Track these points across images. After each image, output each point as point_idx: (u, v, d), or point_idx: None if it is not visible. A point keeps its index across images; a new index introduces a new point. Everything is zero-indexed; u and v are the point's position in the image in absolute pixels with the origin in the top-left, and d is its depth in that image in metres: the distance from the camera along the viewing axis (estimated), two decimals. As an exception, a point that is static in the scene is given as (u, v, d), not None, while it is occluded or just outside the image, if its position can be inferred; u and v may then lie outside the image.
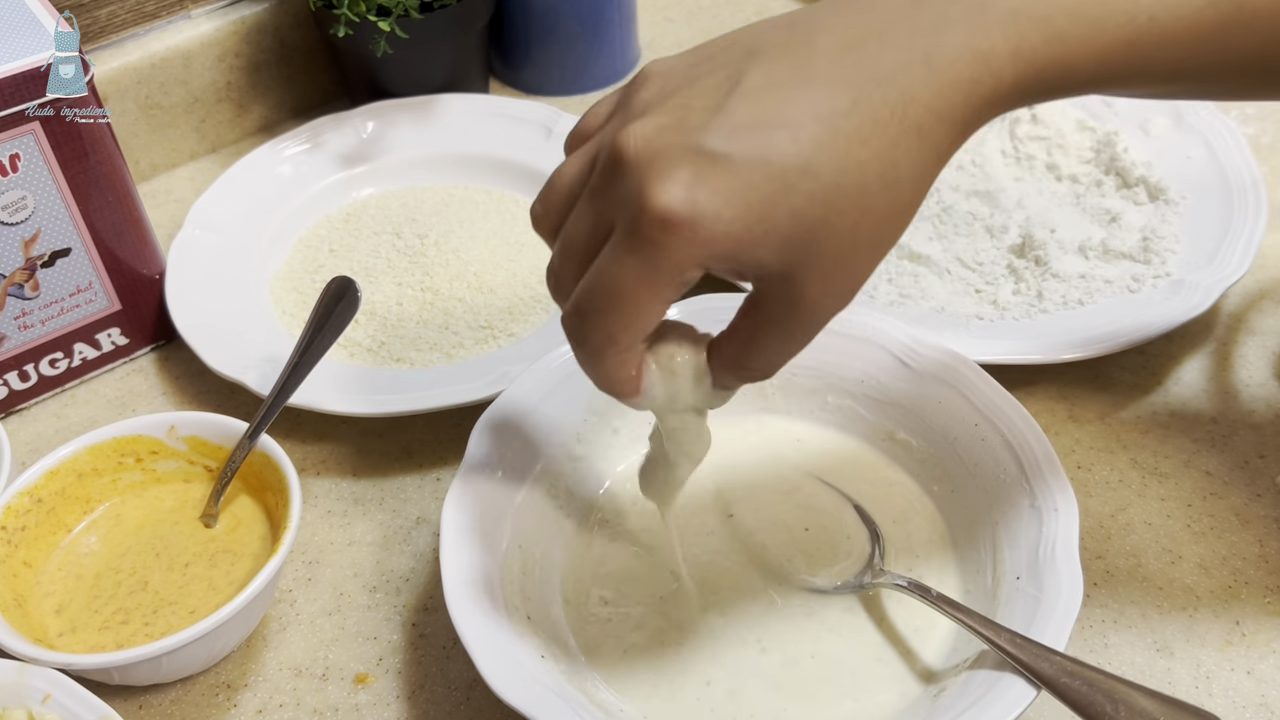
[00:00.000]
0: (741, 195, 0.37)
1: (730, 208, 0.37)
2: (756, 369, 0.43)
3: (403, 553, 0.60)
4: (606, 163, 0.39)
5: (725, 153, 0.37)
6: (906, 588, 0.52)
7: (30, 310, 0.65)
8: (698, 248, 0.37)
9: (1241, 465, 0.61)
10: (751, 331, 0.42)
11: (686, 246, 0.37)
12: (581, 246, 0.40)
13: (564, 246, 0.41)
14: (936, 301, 0.68)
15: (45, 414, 0.68)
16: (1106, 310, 0.66)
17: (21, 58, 0.58)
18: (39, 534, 0.56)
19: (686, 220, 0.36)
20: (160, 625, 0.54)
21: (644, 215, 0.37)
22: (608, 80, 0.91)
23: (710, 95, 0.38)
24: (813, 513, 0.58)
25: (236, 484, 0.59)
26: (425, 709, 0.54)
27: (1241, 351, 0.68)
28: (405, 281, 0.72)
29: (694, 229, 0.37)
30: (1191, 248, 0.69)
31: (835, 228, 0.37)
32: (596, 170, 0.40)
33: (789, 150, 0.37)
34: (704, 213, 0.36)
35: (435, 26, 0.79)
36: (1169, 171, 0.74)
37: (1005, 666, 0.46)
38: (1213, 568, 0.57)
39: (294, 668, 0.56)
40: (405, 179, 0.81)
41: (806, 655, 0.52)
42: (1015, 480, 0.53)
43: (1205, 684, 0.53)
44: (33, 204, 0.62)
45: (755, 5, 0.99)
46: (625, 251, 0.38)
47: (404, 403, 0.63)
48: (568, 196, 0.42)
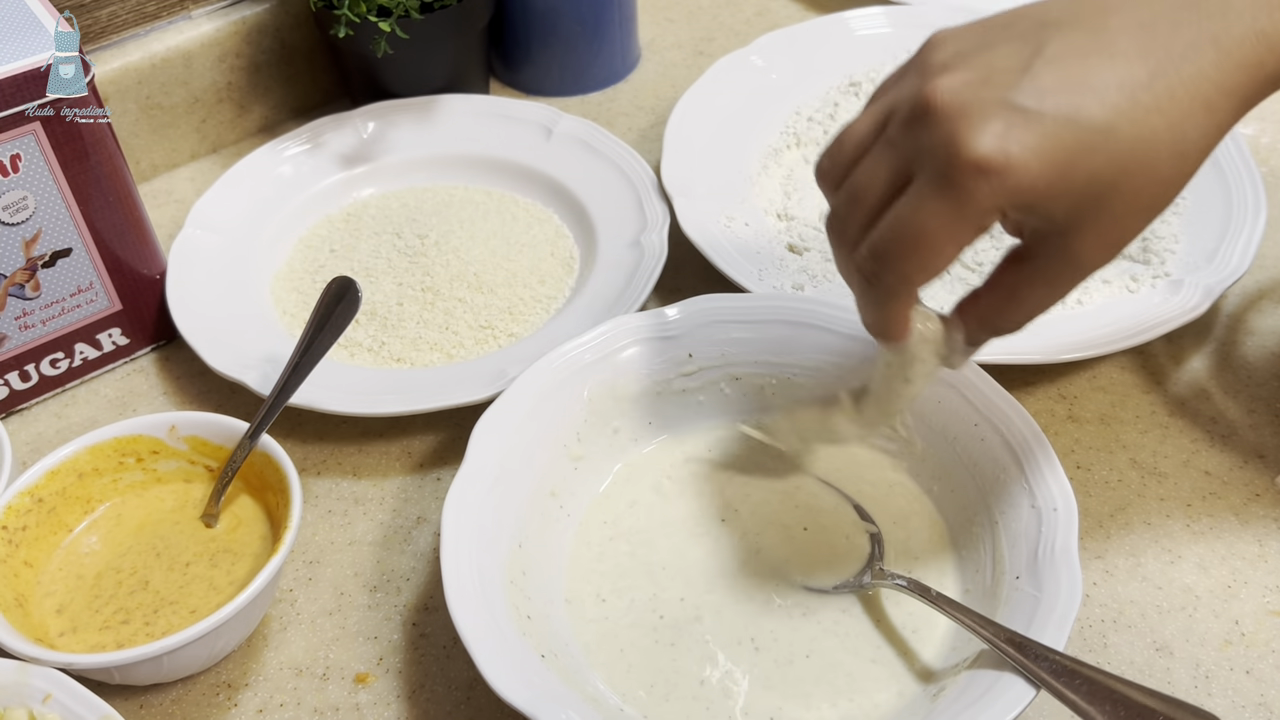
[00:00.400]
0: (1050, 150, 0.40)
1: (1038, 160, 0.40)
2: (1013, 321, 0.46)
3: (403, 552, 0.60)
4: (910, 114, 0.42)
5: (1036, 109, 0.40)
6: (906, 587, 0.52)
7: (31, 310, 0.65)
8: (1004, 195, 0.40)
9: (1241, 465, 0.61)
10: (1015, 286, 0.45)
11: (995, 192, 0.40)
12: (876, 193, 0.43)
13: (853, 195, 0.44)
14: (936, 301, 0.68)
15: (46, 414, 0.69)
16: (1105, 310, 0.66)
17: (22, 58, 0.58)
18: (40, 534, 0.56)
19: (999, 167, 0.39)
20: (161, 625, 0.54)
21: (957, 160, 0.40)
22: (608, 80, 0.91)
23: (1014, 58, 0.41)
24: (812, 513, 0.58)
25: (237, 484, 0.59)
26: (425, 708, 0.54)
27: (1241, 352, 0.68)
28: (405, 281, 0.72)
29: (1003, 176, 0.40)
30: (1191, 248, 0.69)
31: (1123, 189, 0.41)
32: (895, 122, 0.43)
33: (1095, 113, 0.40)
34: (1015, 161, 0.39)
35: (435, 27, 0.80)
36: (1168, 172, 0.74)
37: (1004, 666, 0.46)
38: (1212, 567, 0.57)
39: (294, 667, 0.56)
40: (405, 179, 0.81)
41: (801, 655, 0.52)
42: (1015, 480, 0.53)
43: (1204, 683, 0.53)
44: (33, 204, 0.62)
45: (755, 5, 0.99)
46: (932, 195, 0.41)
47: (404, 403, 0.63)
48: (856, 150, 0.45)
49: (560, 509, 0.58)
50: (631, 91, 0.91)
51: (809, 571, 0.55)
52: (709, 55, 0.92)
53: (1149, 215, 0.43)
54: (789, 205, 0.75)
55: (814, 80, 0.83)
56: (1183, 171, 0.42)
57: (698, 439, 0.61)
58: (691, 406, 0.61)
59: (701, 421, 0.62)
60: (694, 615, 0.54)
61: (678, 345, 0.61)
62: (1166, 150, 0.41)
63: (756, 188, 0.77)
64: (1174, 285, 0.66)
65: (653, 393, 0.61)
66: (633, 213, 0.74)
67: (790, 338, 0.60)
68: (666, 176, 0.75)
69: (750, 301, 0.61)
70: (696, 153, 0.77)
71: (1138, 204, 0.42)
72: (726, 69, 0.83)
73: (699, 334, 0.61)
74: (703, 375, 0.61)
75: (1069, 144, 0.40)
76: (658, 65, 0.93)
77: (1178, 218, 0.71)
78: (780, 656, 0.52)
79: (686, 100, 0.80)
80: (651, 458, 0.61)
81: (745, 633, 0.53)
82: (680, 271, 0.73)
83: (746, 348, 0.61)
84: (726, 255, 0.69)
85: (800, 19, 0.94)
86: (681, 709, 0.50)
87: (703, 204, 0.73)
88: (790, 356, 0.61)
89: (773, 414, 0.61)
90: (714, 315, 0.61)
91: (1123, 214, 0.42)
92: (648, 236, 0.71)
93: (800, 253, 0.71)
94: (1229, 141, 0.74)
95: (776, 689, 0.51)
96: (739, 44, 0.90)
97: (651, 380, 0.60)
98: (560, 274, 0.73)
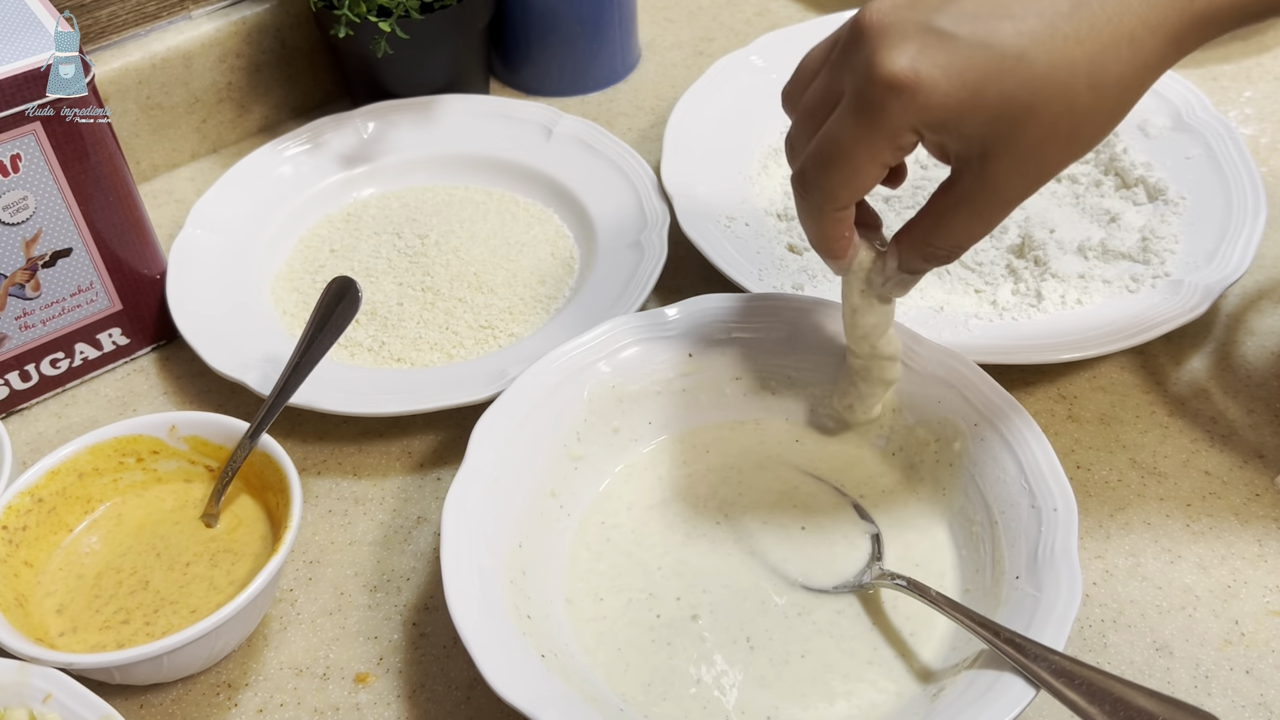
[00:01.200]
0: (960, 70, 0.41)
1: (948, 79, 0.41)
2: (943, 248, 0.48)
3: (403, 552, 0.60)
4: (846, 35, 0.44)
5: (952, 31, 0.41)
6: (906, 587, 0.52)
7: (31, 310, 0.65)
8: (915, 112, 0.42)
9: (1241, 465, 0.61)
10: (943, 211, 0.46)
11: (906, 110, 0.42)
12: (814, 112, 0.46)
13: (800, 114, 0.47)
14: (935, 301, 0.68)
15: (46, 414, 0.69)
16: (1106, 310, 0.66)
17: (22, 58, 0.58)
18: (40, 534, 0.56)
19: (908, 84, 0.41)
20: (161, 625, 0.54)
21: (871, 78, 0.42)
22: (608, 80, 0.91)
23: None
24: (811, 512, 0.58)
25: (237, 484, 0.59)
26: (425, 708, 0.54)
27: (1241, 352, 0.68)
28: (406, 281, 0.72)
29: (913, 93, 0.41)
30: (1191, 248, 0.69)
31: (1038, 116, 0.42)
32: (838, 46, 0.45)
33: (1009, 38, 0.41)
34: (924, 80, 0.41)
35: (436, 27, 0.80)
36: (1168, 172, 0.74)
37: (1004, 666, 0.46)
38: (1212, 567, 0.57)
39: (295, 667, 0.56)
40: (406, 179, 0.81)
41: (796, 655, 0.52)
42: (1015, 480, 0.53)
43: (1204, 683, 0.53)
44: (34, 204, 0.62)
45: (755, 5, 0.99)
46: (851, 112, 0.44)
47: (404, 403, 0.63)
48: (810, 74, 0.47)
49: (560, 509, 0.58)
50: (631, 91, 0.91)
51: (807, 571, 0.55)
52: (709, 55, 0.92)
53: (1067, 148, 0.43)
54: (789, 205, 0.75)
55: (814, 80, 0.83)
56: (1102, 105, 0.42)
57: (697, 439, 0.61)
58: (691, 406, 0.61)
59: (701, 421, 0.62)
60: (690, 615, 0.54)
61: (678, 345, 0.61)
62: (1084, 80, 0.41)
63: (756, 188, 0.77)
64: (1174, 285, 0.66)
65: (653, 393, 0.61)
66: (633, 213, 0.74)
67: (790, 338, 0.60)
68: (666, 176, 0.75)
69: (750, 301, 0.61)
70: (696, 153, 0.77)
71: (1055, 133, 0.42)
72: (726, 69, 0.83)
73: (699, 334, 0.61)
74: (703, 375, 0.61)
75: (979, 65, 0.41)
76: (658, 65, 0.93)
77: (1178, 218, 0.71)
78: (775, 656, 0.52)
79: (686, 100, 0.80)
80: (651, 458, 0.61)
81: (741, 632, 0.53)
82: (680, 271, 0.73)
83: (746, 348, 0.61)
84: (726, 255, 0.69)
85: (800, 19, 0.94)
86: (679, 708, 0.50)
87: (703, 204, 0.73)
88: (790, 356, 0.61)
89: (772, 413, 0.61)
90: (714, 315, 0.61)
91: (1039, 141, 0.42)
92: (648, 236, 0.71)
93: (800, 253, 0.72)
94: (1229, 142, 0.74)
95: (772, 688, 0.51)
96: (739, 44, 0.91)
97: (651, 380, 0.60)
98: (560, 274, 0.73)
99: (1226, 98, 0.85)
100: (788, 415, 0.62)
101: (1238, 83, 0.87)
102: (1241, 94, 0.86)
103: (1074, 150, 0.43)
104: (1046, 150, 0.43)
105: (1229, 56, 0.89)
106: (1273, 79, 0.87)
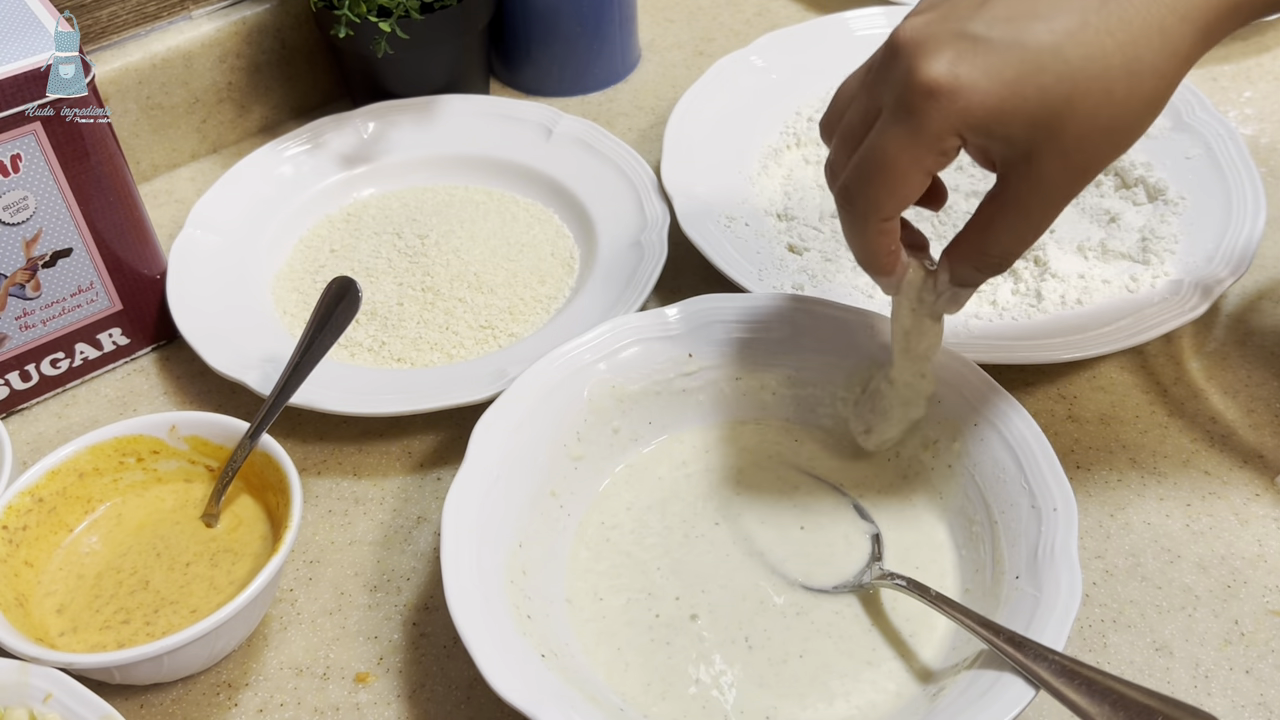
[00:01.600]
0: (998, 71, 0.42)
1: (987, 80, 0.42)
2: (994, 255, 0.48)
3: (403, 552, 0.60)
4: (881, 56, 0.45)
5: (986, 36, 0.42)
6: (905, 587, 0.52)
7: (31, 310, 0.65)
8: (956, 116, 0.42)
9: (1241, 465, 0.61)
10: (991, 217, 0.47)
11: (947, 114, 0.42)
12: (853, 132, 0.47)
13: (839, 137, 0.48)
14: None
15: (46, 414, 0.69)
16: (1105, 310, 0.66)
17: (22, 58, 0.58)
18: (40, 533, 0.56)
19: (948, 89, 0.42)
20: (161, 624, 0.54)
21: (910, 85, 0.43)
22: (608, 80, 0.91)
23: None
24: (811, 512, 0.58)
25: (237, 483, 0.59)
26: (426, 708, 0.54)
27: (1241, 352, 0.68)
28: (406, 281, 0.72)
29: (953, 97, 0.42)
30: (1190, 248, 0.69)
31: (1078, 109, 0.42)
32: (874, 69, 0.46)
33: (1043, 36, 0.42)
34: (964, 82, 0.42)
35: (436, 27, 0.80)
36: (1168, 172, 0.74)
37: (1004, 666, 0.46)
38: (1211, 567, 0.57)
39: (295, 667, 0.56)
40: (406, 179, 0.81)
41: (795, 655, 0.52)
42: (1015, 480, 0.53)
43: (1204, 683, 0.53)
44: (34, 204, 0.62)
45: (755, 5, 0.99)
46: (892, 122, 0.44)
47: (404, 403, 0.63)
48: (847, 100, 0.48)
49: (560, 509, 0.58)
50: (631, 91, 0.91)
51: (807, 571, 0.55)
52: (709, 55, 0.92)
53: (1109, 139, 0.43)
54: (789, 205, 0.75)
55: (814, 80, 0.83)
56: (1139, 93, 0.43)
57: (697, 439, 0.61)
58: (691, 406, 0.62)
59: (701, 421, 0.62)
60: (690, 614, 0.54)
61: (678, 345, 0.61)
62: (1119, 69, 0.42)
63: (756, 188, 0.77)
64: (1174, 285, 0.66)
65: (653, 393, 0.61)
66: (633, 213, 0.74)
67: (790, 338, 0.60)
68: (666, 176, 0.75)
69: (750, 301, 0.61)
70: (696, 153, 0.77)
71: (1095, 124, 0.43)
72: (726, 69, 0.83)
73: (699, 334, 0.61)
74: (703, 375, 0.61)
75: (1016, 64, 0.42)
76: (658, 65, 0.93)
77: (1178, 218, 0.71)
78: (774, 656, 0.52)
79: (686, 100, 0.80)
80: (651, 458, 0.61)
81: (740, 632, 0.53)
82: (680, 271, 0.73)
83: (746, 348, 0.61)
84: (726, 255, 0.69)
85: (800, 19, 0.94)
86: (678, 708, 0.51)
87: (703, 204, 0.73)
88: (790, 356, 0.61)
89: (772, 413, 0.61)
90: (714, 315, 0.61)
91: (1081, 135, 0.43)
92: (648, 236, 0.71)
93: (800, 253, 0.72)
94: (1229, 142, 0.74)
95: (771, 688, 0.51)
96: (739, 44, 0.91)
97: (651, 380, 0.61)
98: (560, 274, 0.73)
99: (1226, 98, 0.85)
100: (788, 415, 0.62)
101: (1238, 83, 0.87)
102: (1241, 94, 0.86)
103: (1115, 141, 0.44)
104: (1089, 143, 0.43)
105: (1229, 56, 0.89)
106: (1273, 79, 0.87)
